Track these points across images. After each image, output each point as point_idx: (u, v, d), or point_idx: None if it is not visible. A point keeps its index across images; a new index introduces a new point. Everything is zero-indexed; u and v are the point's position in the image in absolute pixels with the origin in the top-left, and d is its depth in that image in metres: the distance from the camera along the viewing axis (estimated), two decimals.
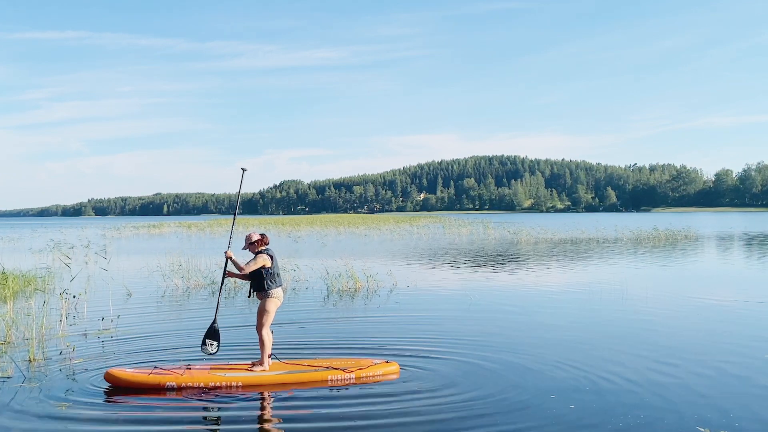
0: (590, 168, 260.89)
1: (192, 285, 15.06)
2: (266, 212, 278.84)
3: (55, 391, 6.45)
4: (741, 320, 10.21)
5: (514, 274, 17.91)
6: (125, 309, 11.81)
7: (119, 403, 6.17)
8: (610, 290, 13.73)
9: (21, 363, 7.58)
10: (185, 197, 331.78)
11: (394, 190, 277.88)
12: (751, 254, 25.16)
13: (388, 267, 19.01)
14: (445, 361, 7.62)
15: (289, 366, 7.06)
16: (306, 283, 15.28)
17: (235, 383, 6.61)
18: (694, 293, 13.41)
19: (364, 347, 8.41)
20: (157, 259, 21.87)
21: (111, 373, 6.66)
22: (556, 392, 6.33)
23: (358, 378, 6.84)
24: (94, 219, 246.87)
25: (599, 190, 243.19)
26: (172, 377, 6.59)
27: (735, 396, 6.17)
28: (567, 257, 23.69)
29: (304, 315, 11.01)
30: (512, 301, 12.58)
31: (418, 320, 10.46)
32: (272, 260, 7.07)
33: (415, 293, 13.78)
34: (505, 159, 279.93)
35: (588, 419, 5.55)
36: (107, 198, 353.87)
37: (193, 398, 6.31)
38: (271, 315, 7.07)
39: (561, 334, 9.14)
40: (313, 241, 36.46)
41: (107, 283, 15.72)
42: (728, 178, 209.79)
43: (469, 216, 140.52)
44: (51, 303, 11.94)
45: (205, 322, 9.53)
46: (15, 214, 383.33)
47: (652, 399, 6.08)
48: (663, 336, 8.96)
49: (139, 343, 8.80)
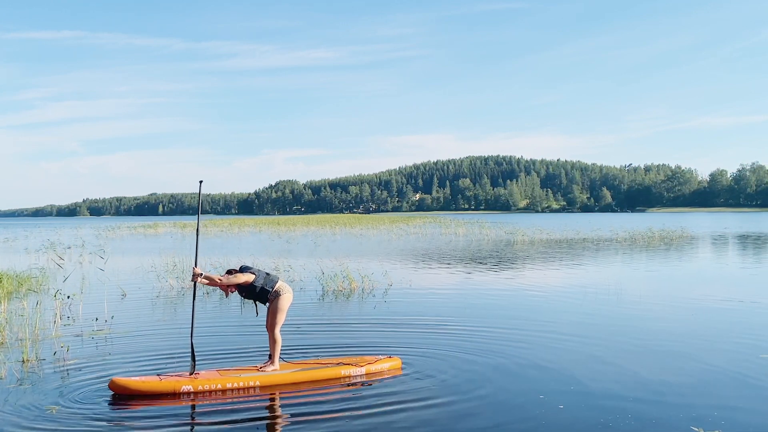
0: (585, 168, 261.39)
1: (186, 285, 15.02)
2: (262, 212, 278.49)
3: (49, 393, 6.42)
4: (735, 320, 10.23)
5: (509, 274, 17.93)
6: (119, 309, 11.77)
7: (117, 405, 6.12)
8: (604, 290, 13.75)
9: (14, 364, 7.54)
10: (180, 197, 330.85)
11: (390, 190, 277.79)
12: (746, 254, 25.25)
13: (384, 267, 19.00)
14: (441, 360, 7.62)
15: (299, 365, 7.05)
16: (300, 284, 15.26)
17: (252, 383, 6.55)
18: (688, 293, 13.45)
19: (363, 346, 8.41)
20: (152, 259, 21.82)
21: (116, 382, 6.31)
22: (545, 392, 6.34)
23: (368, 372, 6.95)
24: (89, 219, 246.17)
25: (594, 190, 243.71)
26: (186, 381, 6.38)
27: (729, 396, 6.18)
28: (562, 257, 23.74)
29: (299, 316, 10.99)
30: (506, 301, 12.60)
31: (413, 320, 10.45)
32: (256, 276, 6.94)
33: (411, 293, 13.78)
34: (501, 159, 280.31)
35: (578, 419, 5.56)
36: (102, 198, 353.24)
37: (207, 401, 6.22)
38: (284, 313, 7.04)
39: (554, 334, 9.14)
40: (307, 242, 36.41)
41: (102, 283, 15.67)
42: (723, 178, 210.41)
43: (464, 216, 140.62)
44: (45, 303, 11.90)
45: (200, 325, 9.51)
46: (10, 214, 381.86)
47: (645, 399, 6.09)
48: (656, 336, 8.98)
49: (134, 344, 8.77)
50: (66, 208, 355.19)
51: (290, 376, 6.71)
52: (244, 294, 6.99)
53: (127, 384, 6.28)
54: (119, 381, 6.33)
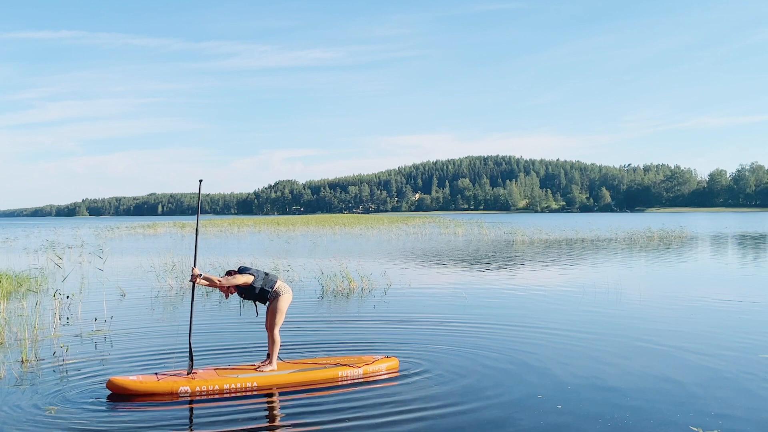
0: (585, 168, 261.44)
1: (186, 285, 15.01)
2: (261, 212, 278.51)
3: (48, 393, 6.41)
4: (734, 320, 10.25)
5: (508, 274, 17.94)
6: (119, 309, 11.77)
7: (116, 405, 6.12)
8: (603, 290, 13.76)
9: (13, 364, 7.55)
10: (180, 197, 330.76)
11: (389, 190, 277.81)
12: (745, 254, 25.27)
13: (383, 267, 19.01)
14: (439, 360, 7.62)
15: (297, 365, 7.05)
16: (300, 284, 15.26)
17: (250, 384, 6.54)
18: (688, 293, 13.46)
19: (361, 346, 8.41)
20: (151, 259, 21.82)
21: (114, 382, 6.29)
22: (544, 392, 6.34)
23: (365, 373, 6.95)
24: (88, 219, 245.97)
25: (594, 190, 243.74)
26: (184, 381, 6.37)
27: (728, 396, 6.19)
28: (561, 257, 23.75)
29: (299, 315, 10.99)
30: (505, 301, 12.60)
31: (412, 320, 10.46)
32: (255, 276, 6.93)
33: (410, 293, 13.78)
34: (500, 159, 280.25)
35: (576, 419, 5.56)
36: (101, 198, 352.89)
37: (204, 401, 6.22)
38: (283, 314, 7.04)
39: (553, 334, 9.15)
40: (306, 242, 36.41)
41: (101, 283, 15.66)
42: (722, 178, 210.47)
43: (464, 216, 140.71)
44: (44, 303, 11.90)
45: (199, 322, 9.52)
46: (8, 215, 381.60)
47: (643, 399, 6.09)
48: (655, 336, 8.98)
49: (133, 344, 8.77)
50: (65, 208, 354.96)
51: (287, 378, 6.71)
52: (244, 295, 6.98)
53: (124, 384, 6.27)
54: (117, 381, 6.31)
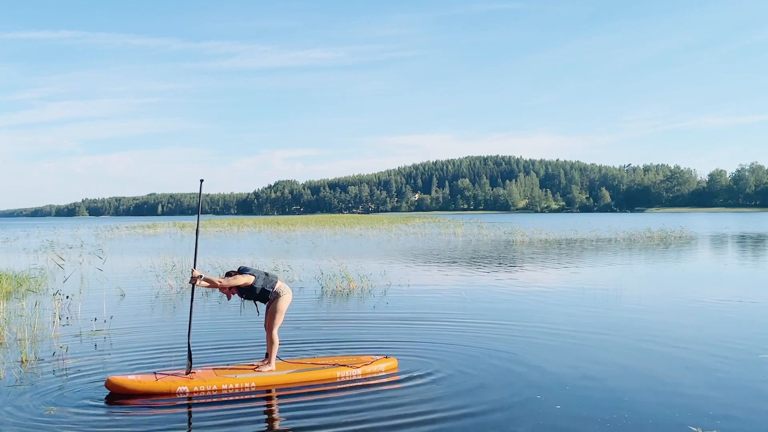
0: (584, 168, 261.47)
1: (185, 285, 15.02)
2: (261, 212, 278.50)
3: (48, 393, 6.42)
4: (734, 320, 10.25)
5: (508, 274, 17.94)
6: (118, 309, 11.77)
7: (114, 404, 6.12)
8: (603, 290, 13.77)
9: (13, 364, 7.55)
10: (179, 197, 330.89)
11: (389, 190, 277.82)
12: (745, 254, 25.28)
13: (383, 267, 19.01)
14: (438, 360, 7.62)
15: (295, 365, 7.05)
16: (300, 283, 15.26)
17: (248, 384, 6.54)
18: (687, 293, 13.46)
19: (361, 346, 8.41)
20: (151, 259, 21.81)
21: (113, 381, 6.30)
22: (543, 392, 6.34)
23: (364, 374, 6.95)
24: (88, 219, 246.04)
25: (593, 190, 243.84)
26: (182, 381, 6.38)
27: (728, 396, 6.19)
28: (561, 257, 23.75)
29: (299, 314, 11.00)
30: (505, 301, 12.60)
31: (411, 320, 10.46)
32: (256, 277, 6.93)
33: (410, 293, 13.78)
34: (500, 159, 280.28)
35: (576, 419, 5.56)
36: (101, 198, 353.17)
37: (202, 401, 6.21)
38: (283, 314, 7.05)
39: (553, 334, 9.15)
40: (306, 242, 36.41)
41: (101, 283, 15.65)
42: (722, 178, 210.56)
43: (463, 216, 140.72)
44: (44, 303, 11.89)
45: (198, 322, 9.51)
46: (8, 215, 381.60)
47: (643, 398, 6.10)
48: (655, 336, 8.98)
49: (133, 344, 8.77)
50: (65, 208, 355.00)
51: (286, 378, 6.71)
52: (245, 295, 6.98)
53: (123, 383, 6.27)
54: (116, 380, 6.31)
